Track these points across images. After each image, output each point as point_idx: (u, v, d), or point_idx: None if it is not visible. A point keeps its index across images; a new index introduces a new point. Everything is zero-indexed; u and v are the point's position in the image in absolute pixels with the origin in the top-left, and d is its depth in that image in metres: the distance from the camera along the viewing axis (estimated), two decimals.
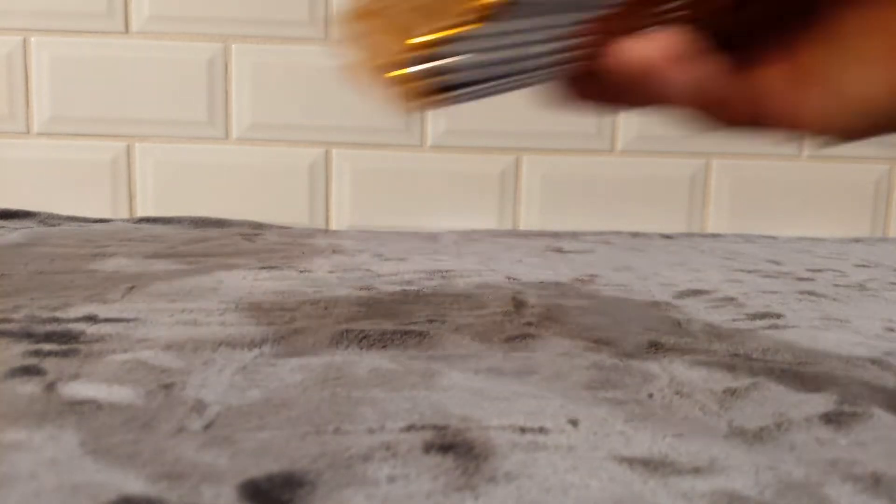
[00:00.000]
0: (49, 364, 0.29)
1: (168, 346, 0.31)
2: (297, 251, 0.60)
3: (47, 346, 0.31)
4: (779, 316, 0.41)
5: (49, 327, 0.34)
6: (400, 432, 0.23)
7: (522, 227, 0.82)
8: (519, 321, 0.38)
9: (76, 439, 0.22)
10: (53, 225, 0.72)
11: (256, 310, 0.39)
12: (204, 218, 0.78)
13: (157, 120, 0.78)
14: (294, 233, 0.74)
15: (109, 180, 0.80)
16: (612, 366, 0.31)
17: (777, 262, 0.61)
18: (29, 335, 0.33)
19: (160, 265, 0.51)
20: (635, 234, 0.78)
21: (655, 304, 0.43)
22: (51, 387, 0.26)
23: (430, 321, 0.37)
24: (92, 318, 0.36)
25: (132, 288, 0.43)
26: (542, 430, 0.24)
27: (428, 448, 0.22)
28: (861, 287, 0.50)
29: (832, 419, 0.25)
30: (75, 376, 0.27)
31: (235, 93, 0.79)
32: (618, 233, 0.79)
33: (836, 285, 0.50)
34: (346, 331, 0.34)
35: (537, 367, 0.30)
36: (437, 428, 0.23)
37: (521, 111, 0.80)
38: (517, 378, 0.29)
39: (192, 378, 0.28)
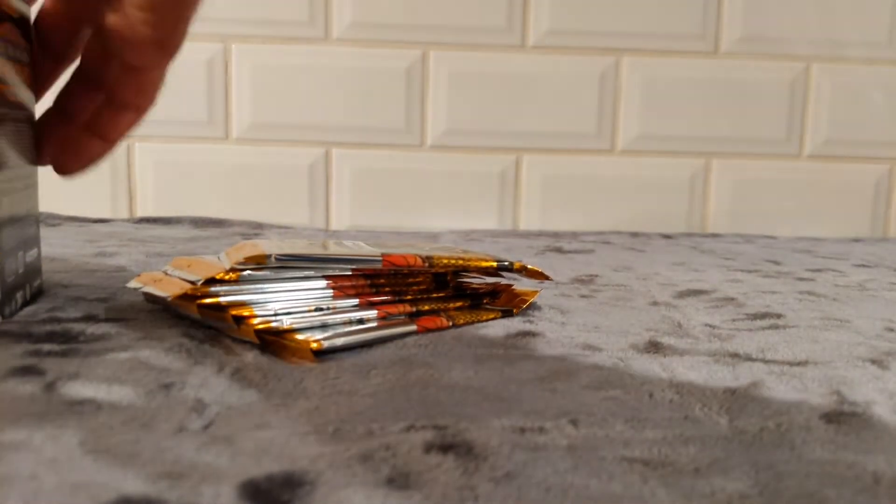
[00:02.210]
0: (49, 364, 0.29)
1: (168, 346, 0.31)
2: None
3: (47, 346, 0.31)
4: (779, 316, 0.41)
5: (49, 327, 0.34)
6: (400, 432, 0.23)
7: (522, 227, 0.82)
8: (519, 320, 0.38)
9: (76, 439, 0.22)
10: (53, 225, 0.72)
11: None
12: (204, 218, 0.78)
13: (158, 120, 0.78)
14: (294, 233, 0.74)
15: (109, 180, 0.80)
16: (612, 366, 0.31)
17: (777, 262, 0.61)
18: (29, 335, 0.33)
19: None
20: (635, 234, 0.78)
21: (655, 304, 0.43)
22: (51, 387, 0.26)
23: None
24: (92, 318, 0.36)
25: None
26: (542, 430, 0.24)
27: (428, 448, 0.22)
28: (861, 287, 0.50)
29: (832, 419, 0.25)
30: (75, 376, 0.27)
31: (235, 93, 0.79)
32: (618, 233, 0.79)
33: (836, 285, 0.50)
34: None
35: (537, 367, 0.30)
36: (437, 428, 0.23)
37: (521, 111, 0.80)
38: (517, 378, 0.29)
39: (191, 378, 0.28)
